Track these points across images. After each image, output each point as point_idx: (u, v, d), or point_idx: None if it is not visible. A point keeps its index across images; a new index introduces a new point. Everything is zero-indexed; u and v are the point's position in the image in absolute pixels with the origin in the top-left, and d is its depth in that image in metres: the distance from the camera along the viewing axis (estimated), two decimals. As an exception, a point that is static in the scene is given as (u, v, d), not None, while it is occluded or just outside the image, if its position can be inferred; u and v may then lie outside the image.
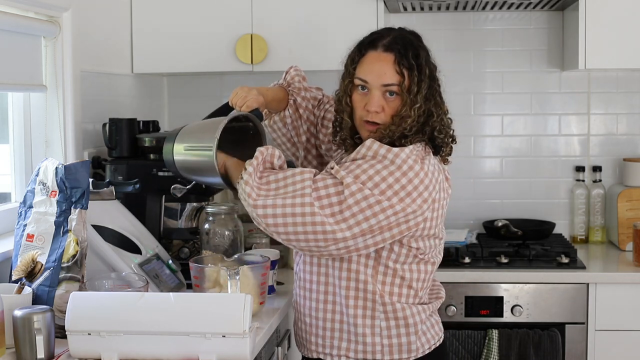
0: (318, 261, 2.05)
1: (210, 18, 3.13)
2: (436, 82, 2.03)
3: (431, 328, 2.11)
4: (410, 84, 1.97)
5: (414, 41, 2.02)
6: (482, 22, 3.51)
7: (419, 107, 1.97)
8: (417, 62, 1.98)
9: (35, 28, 2.49)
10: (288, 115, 2.32)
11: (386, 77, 1.97)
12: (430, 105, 1.99)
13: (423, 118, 1.99)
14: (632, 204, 3.27)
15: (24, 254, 2.02)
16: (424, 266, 2.07)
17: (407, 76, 1.97)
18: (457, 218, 3.51)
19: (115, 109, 3.02)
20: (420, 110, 1.97)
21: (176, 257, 2.60)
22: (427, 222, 1.97)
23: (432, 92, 2.00)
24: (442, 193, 2.02)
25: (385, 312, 2.02)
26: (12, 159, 2.58)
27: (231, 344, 1.75)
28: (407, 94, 1.96)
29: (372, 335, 2.03)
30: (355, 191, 1.87)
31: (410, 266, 2.04)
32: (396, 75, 1.97)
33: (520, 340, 2.89)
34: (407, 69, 1.97)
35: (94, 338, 1.77)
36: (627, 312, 2.90)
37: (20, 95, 2.56)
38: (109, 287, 2.05)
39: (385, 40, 2.00)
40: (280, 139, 2.37)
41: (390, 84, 1.97)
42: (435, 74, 2.03)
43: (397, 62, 1.97)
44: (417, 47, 2.01)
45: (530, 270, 2.97)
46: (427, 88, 1.98)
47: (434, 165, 2.00)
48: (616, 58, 3.08)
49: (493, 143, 3.55)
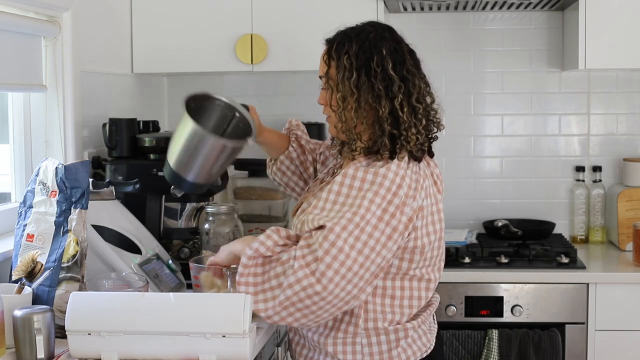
0: None
1: (210, 18, 3.13)
2: (375, 74, 1.89)
3: (418, 340, 1.99)
4: (335, 73, 1.93)
5: (353, 33, 1.95)
6: (482, 22, 3.51)
7: (342, 96, 1.90)
8: (339, 52, 1.92)
9: (35, 28, 2.49)
10: (292, 150, 2.36)
11: (320, 68, 1.99)
12: (367, 97, 1.89)
13: (368, 113, 1.90)
14: (632, 204, 3.27)
15: (24, 254, 2.02)
16: (417, 283, 1.96)
17: (332, 66, 1.94)
18: (457, 218, 3.51)
19: (115, 109, 3.02)
20: (353, 103, 1.89)
21: (176, 257, 2.60)
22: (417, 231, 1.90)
23: (363, 83, 1.89)
24: (429, 199, 1.92)
25: (366, 330, 1.94)
26: (12, 159, 2.58)
27: (231, 344, 1.75)
28: (334, 85, 1.93)
29: (352, 353, 1.95)
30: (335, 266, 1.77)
31: (403, 282, 1.94)
32: (324, 66, 1.97)
33: (520, 340, 2.89)
34: (333, 59, 1.94)
35: (94, 338, 1.77)
36: (627, 312, 2.90)
37: (20, 95, 2.56)
38: (109, 287, 2.05)
39: (332, 35, 2.00)
40: (291, 180, 2.38)
41: (321, 76, 1.99)
42: (373, 64, 1.89)
43: (326, 53, 1.97)
44: (351, 38, 1.93)
45: (530, 270, 2.97)
46: (355, 78, 1.89)
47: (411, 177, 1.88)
48: (616, 58, 3.08)
49: (493, 143, 3.55)
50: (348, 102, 1.90)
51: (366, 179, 1.84)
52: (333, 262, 1.76)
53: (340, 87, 1.91)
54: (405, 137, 1.89)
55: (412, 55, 1.98)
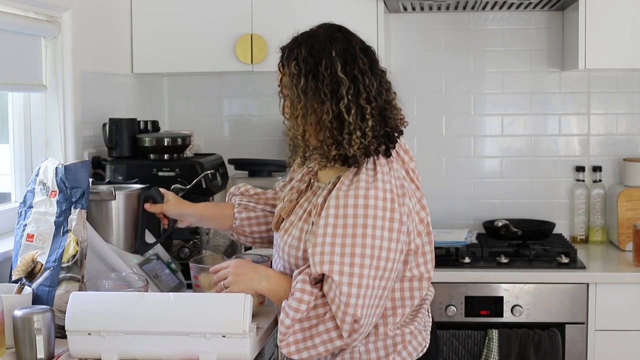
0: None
1: (210, 18, 3.13)
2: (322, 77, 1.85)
3: (413, 340, 1.96)
4: (285, 81, 1.92)
5: (304, 37, 1.92)
6: (482, 22, 3.51)
7: (290, 103, 1.88)
8: (288, 59, 1.91)
9: (35, 28, 2.49)
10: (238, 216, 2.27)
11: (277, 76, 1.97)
12: (313, 103, 1.85)
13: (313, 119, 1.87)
14: (632, 204, 3.27)
15: (24, 254, 2.02)
16: (409, 283, 1.94)
17: (286, 74, 1.92)
18: (457, 218, 3.51)
19: (115, 109, 3.02)
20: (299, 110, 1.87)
21: (176, 257, 2.60)
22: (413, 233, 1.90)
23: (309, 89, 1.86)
24: (412, 200, 1.90)
25: (366, 336, 1.91)
26: (12, 159, 2.58)
27: (231, 344, 1.75)
28: (284, 92, 1.92)
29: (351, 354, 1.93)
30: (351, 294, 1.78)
31: (402, 284, 1.93)
32: (279, 74, 1.96)
33: (520, 340, 2.89)
34: (284, 66, 1.93)
35: (94, 338, 1.77)
36: (627, 312, 2.90)
37: (20, 95, 2.56)
38: (109, 287, 2.05)
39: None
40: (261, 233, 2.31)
41: (278, 85, 1.96)
42: (321, 68, 1.85)
43: (280, 61, 1.95)
44: (300, 44, 1.90)
45: (530, 270, 2.97)
46: (302, 84, 1.86)
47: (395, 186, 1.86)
48: (616, 58, 3.08)
49: (493, 143, 3.55)
50: (296, 109, 1.88)
51: (358, 204, 1.81)
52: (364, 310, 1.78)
53: (289, 93, 1.90)
54: (348, 140, 1.84)
55: (365, 53, 1.91)
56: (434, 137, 3.52)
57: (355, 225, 1.79)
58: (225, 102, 3.63)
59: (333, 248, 1.79)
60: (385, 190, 1.82)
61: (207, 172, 2.63)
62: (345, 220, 1.80)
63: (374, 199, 1.80)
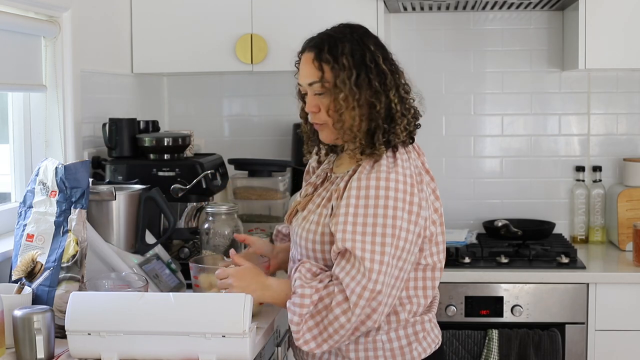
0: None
1: (210, 18, 3.13)
2: (371, 69, 1.92)
3: (431, 332, 2.03)
4: (331, 76, 1.92)
5: (337, 34, 1.96)
6: (482, 22, 3.51)
7: (344, 97, 1.90)
8: (334, 54, 1.92)
9: (35, 28, 2.49)
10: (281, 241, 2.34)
11: (309, 75, 1.96)
12: (367, 94, 1.91)
13: (365, 110, 1.92)
14: (632, 204, 3.27)
15: (23, 254, 2.02)
16: (423, 272, 1.99)
17: (327, 70, 1.93)
18: (457, 218, 3.51)
19: (115, 109, 3.02)
20: (354, 102, 1.90)
21: (176, 257, 2.60)
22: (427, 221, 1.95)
23: (363, 81, 1.91)
24: (428, 188, 1.97)
25: (388, 323, 1.96)
26: (12, 159, 2.58)
27: (231, 344, 1.75)
28: (332, 88, 1.92)
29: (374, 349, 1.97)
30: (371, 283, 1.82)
31: (416, 273, 1.97)
32: (316, 72, 1.94)
33: (520, 340, 2.89)
34: (326, 62, 1.93)
35: (94, 338, 1.77)
36: (627, 312, 2.90)
37: (20, 95, 2.56)
38: (109, 287, 2.05)
39: (310, 41, 1.99)
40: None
41: (313, 82, 1.95)
42: (367, 61, 1.91)
43: (316, 58, 1.94)
44: (338, 39, 1.94)
45: (530, 270, 2.97)
46: (355, 77, 1.90)
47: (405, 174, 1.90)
48: (616, 58, 3.08)
49: (493, 143, 3.55)
50: (349, 102, 1.91)
51: (380, 186, 1.86)
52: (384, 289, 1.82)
53: (340, 88, 1.91)
54: (397, 129, 1.93)
55: (385, 49, 2.01)
56: (434, 137, 3.52)
57: (376, 206, 1.84)
58: (225, 102, 3.63)
59: (355, 227, 1.84)
60: (405, 175, 1.88)
61: (207, 172, 2.63)
62: (367, 201, 1.85)
63: (395, 181, 1.86)
